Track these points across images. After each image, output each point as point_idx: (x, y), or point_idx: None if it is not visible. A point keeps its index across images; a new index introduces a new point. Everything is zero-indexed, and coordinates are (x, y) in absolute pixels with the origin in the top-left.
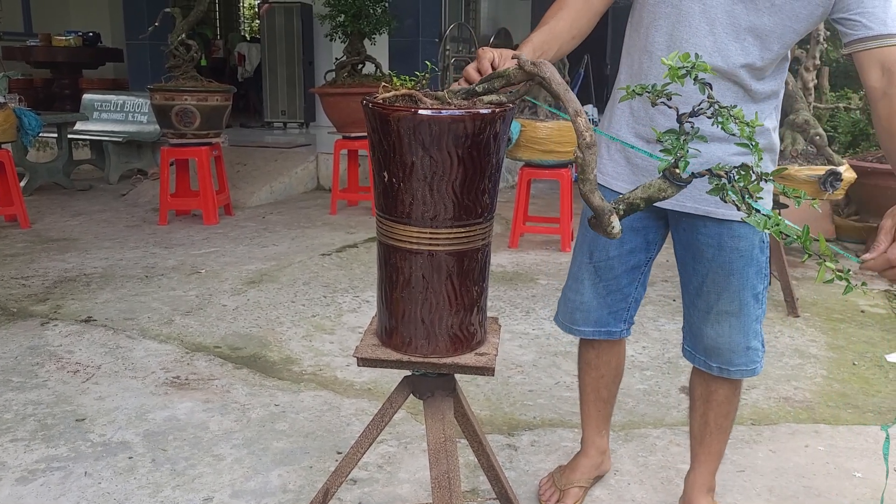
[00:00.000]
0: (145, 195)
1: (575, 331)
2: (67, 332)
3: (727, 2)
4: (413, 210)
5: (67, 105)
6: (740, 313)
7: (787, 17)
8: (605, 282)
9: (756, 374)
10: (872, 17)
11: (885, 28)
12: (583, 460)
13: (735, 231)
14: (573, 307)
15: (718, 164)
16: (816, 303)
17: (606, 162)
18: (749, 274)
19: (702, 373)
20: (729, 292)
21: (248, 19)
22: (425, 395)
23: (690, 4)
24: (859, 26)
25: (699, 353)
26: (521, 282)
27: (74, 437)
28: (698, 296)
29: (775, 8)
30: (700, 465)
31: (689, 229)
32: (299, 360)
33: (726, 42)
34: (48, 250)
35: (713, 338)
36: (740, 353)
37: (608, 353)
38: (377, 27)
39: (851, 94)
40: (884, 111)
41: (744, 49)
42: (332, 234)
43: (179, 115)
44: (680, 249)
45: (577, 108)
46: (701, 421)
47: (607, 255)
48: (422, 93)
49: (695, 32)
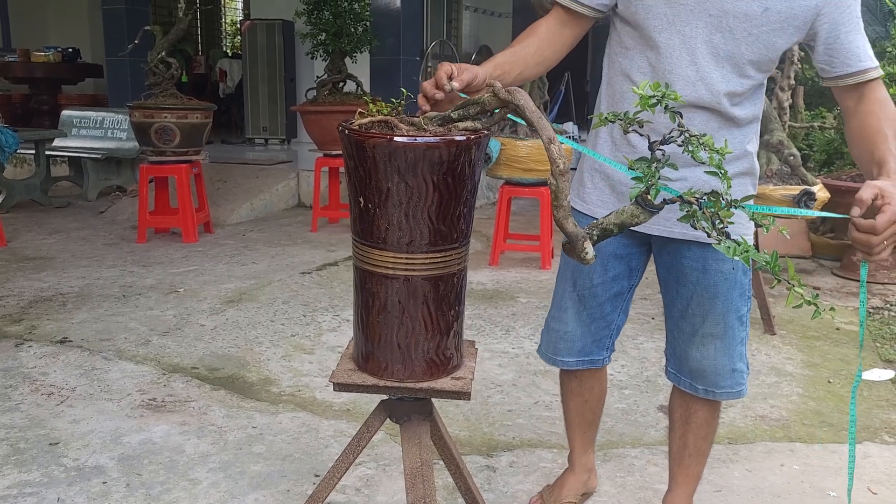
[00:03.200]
0: (124, 212)
1: (558, 362)
2: (42, 353)
3: (706, 32)
4: (389, 235)
5: (46, 121)
6: (725, 336)
7: (764, 47)
8: (588, 310)
9: (742, 397)
10: (849, 53)
11: (861, 64)
12: (570, 478)
13: (719, 254)
14: (557, 337)
15: (690, 190)
16: (792, 320)
17: (591, 191)
18: (733, 296)
19: (682, 394)
20: (714, 315)
21: (229, 35)
22: (402, 420)
23: (670, 37)
24: (838, 63)
25: (684, 376)
26: (501, 300)
27: (48, 461)
28: (683, 319)
29: (752, 37)
30: (678, 487)
31: (674, 253)
32: (278, 381)
33: (708, 71)
34: (24, 269)
35: (699, 360)
36: (726, 375)
37: (591, 381)
38: (358, 46)
39: (826, 112)
40: (854, 124)
41: (724, 77)
42: (312, 252)
43: (159, 132)
44: (664, 273)
45: (551, 136)
46: (680, 443)
47: (591, 282)
48: (398, 119)
49: (677, 63)
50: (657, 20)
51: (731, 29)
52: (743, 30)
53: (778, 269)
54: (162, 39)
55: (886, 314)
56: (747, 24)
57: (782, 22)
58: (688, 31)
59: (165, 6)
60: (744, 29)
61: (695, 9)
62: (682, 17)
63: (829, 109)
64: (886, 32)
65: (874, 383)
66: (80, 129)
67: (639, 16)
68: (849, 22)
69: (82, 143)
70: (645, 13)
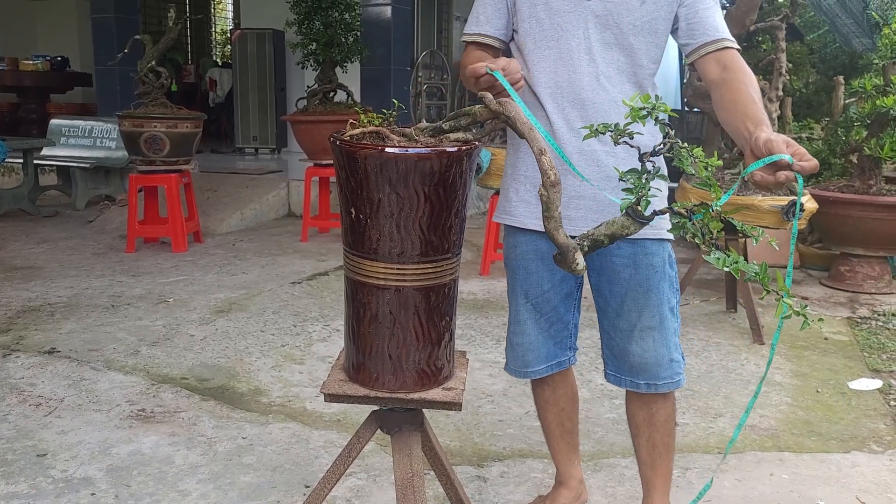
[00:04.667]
0: (113, 222)
1: (529, 373)
2: (30, 363)
3: (597, 31)
4: (380, 246)
5: (34, 130)
6: (661, 327)
7: (650, 34)
8: (545, 315)
9: (681, 386)
10: (708, 26)
11: (718, 34)
12: (564, 491)
13: (647, 249)
14: (523, 350)
15: (679, 202)
16: (781, 330)
17: (516, 204)
18: (664, 288)
19: (640, 398)
20: (649, 308)
21: (219, 44)
22: (393, 430)
23: (567, 42)
24: (698, 34)
25: (625, 374)
26: (492, 310)
27: (35, 472)
28: (619, 316)
29: (637, 28)
30: (655, 490)
31: (603, 253)
32: (268, 392)
33: (606, 66)
34: (11, 279)
35: (639, 354)
36: (665, 366)
37: (563, 385)
38: (349, 55)
39: (814, 124)
40: (723, 91)
41: (620, 69)
42: (302, 261)
43: (148, 141)
44: (594, 276)
45: (542, 147)
46: (648, 445)
47: (542, 289)
48: (389, 129)
49: (578, 64)
50: (551, 30)
51: (618, 24)
52: (628, 23)
53: (767, 281)
54: (152, 48)
55: (874, 324)
56: (630, 17)
57: (657, 10)
58: (580, 33)
59: (155, 15)
60: (629, 22)
61: (583, 13)
62: (573, 22)
63: (816, 121)
64: (873, 44)
65: (862, 393)
66: (68, 138)
67: (530, 33)
68: (706, 1)
69: (71, 152)
70: (537, 27)
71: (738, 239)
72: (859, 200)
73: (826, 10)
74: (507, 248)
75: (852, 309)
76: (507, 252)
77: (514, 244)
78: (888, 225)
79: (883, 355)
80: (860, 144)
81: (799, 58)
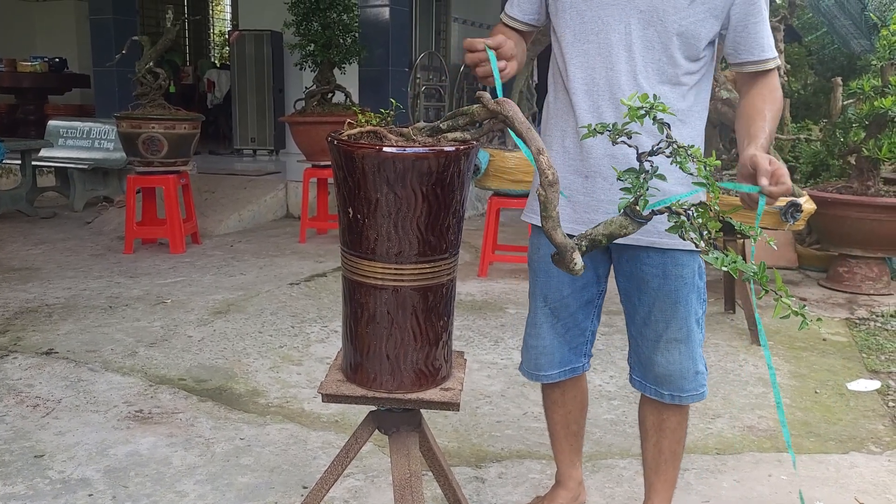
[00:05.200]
0: (111, 223)
1: (542, 377)
2: (27, 364)
3: (639, 27)
4: (378, 246)
5: (32, 131)
6: (688, 340)
7: (692, 37)
8: (562, 321)
9: (704, 399)
10: (754, 43)
11: (763, 54)
12: (562, 492)
13: (678, 259)
14: (537, 353)
15: (677, 202)
16: (779, 331)
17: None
18: (692, 300)
19: (652, 402)
20: (676, 320)
21: (217, 46)
22: (391, 431)
23: (607, 37)
24: (743, 51)
25: (650, 383)
26: (489, 311)
27: (33, 473)
28: (646, 325)
29: (682, 29)
30: (656, 495)
31: (633, 260)
32: (266, 393)
33: (644, 65)
34: (9, 280)
35: (664, 366)
36: (690, 378)
37: (573, 390)
38: (347, 57)
39: (812, 125)
40: (744, 103)
41: (660, 69)
42: (300, 262)
43: (146, 143)
44: (623, 281)
45: (540, 147)
46: (655, 450)
47: (561, 294)
48: (387, 129)
49: (616, 61)
50: (592, 23)
51: (662, 21)
52: (673, 21)
53: (765, 281)
54: (150, 50)
55: (872, 325)
56: (676, 17)
57: (706, 12)
58: (622, 28)
59: (153, 16)
60: (674, 21)
61: (626, 7)
62: (615, 16)
63: (815, 122)
64: (871, 46)
65: (860, 394)
66: (66, 140)
67: (570, 24)
68: (757, 14)
69: (69, 153)
70: (577, 18)
71: (736, 240)
72: (857, 201)
73: (824, 12)
74: (531, 249)
75: (851, 310)
76: (531, 253)
77: (537, 245)
78: (886, 226)
79: (881, 356)
80: (858, 146)
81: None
